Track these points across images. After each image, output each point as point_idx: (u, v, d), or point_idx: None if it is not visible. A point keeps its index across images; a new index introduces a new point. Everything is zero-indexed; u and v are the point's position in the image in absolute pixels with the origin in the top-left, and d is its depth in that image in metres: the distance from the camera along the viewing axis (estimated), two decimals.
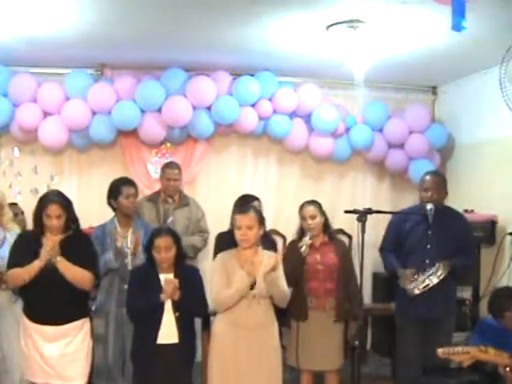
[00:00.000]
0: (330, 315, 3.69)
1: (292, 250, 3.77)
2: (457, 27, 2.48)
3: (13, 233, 3.50)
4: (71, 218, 3.25)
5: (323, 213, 3.79)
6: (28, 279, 3.11)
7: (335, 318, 3.69)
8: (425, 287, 3.57)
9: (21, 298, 3.32)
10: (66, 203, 3.24)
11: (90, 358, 3.36)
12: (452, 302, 3.81)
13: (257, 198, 4.01)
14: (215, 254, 3.82)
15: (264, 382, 3.27)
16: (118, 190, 3.87)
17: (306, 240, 3.66)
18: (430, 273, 3.58)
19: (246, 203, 3.79)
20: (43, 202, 3.22)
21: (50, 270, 3.12)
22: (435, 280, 3.56)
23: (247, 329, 3.23)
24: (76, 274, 3.17)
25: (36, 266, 3.10)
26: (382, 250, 4.01)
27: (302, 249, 3.62)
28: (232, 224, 3.91)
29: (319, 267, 3.69)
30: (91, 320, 3.46)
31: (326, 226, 3.81)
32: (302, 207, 3.82)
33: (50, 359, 3.18)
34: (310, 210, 3.76)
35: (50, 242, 3.13)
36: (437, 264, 3.59)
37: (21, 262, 3.13)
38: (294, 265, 3.61)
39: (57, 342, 3.19)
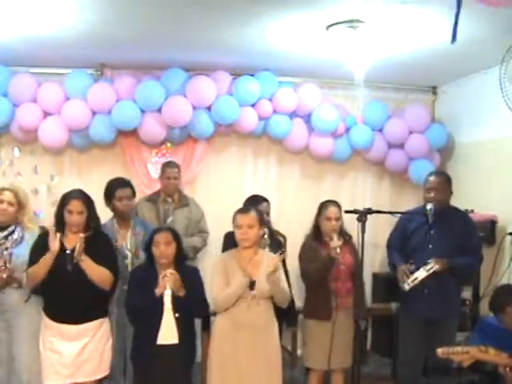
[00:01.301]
0: (350, 314, 3.69)
1: (313, 249, 3.72)
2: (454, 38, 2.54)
3: (32, 233, 3.51)
4: (92, 217, 3.32)
5: (341, 214, 3.76)
6: (42, 275, 3.18)
7: (354, 316, 3.68)
8: (413, 281, 3.54)
9: (41, 297, 3.37)
10: (88, 201, 3.32)
11: (107, 357, 3.40)
12: (454, 303, 3.78)
13: (266, 200, 4.00)
14: (223, 252, 3.82)
15: (264, 382, 3.27)
16: (111, 192, 3.88)
17: (338, 242, 3.57)
18: (421, 268, 3.55)
19: (255, 203, 3.79)
20: (66, 199, 3.29)
21: (70, 269, 3.18)
22: (423, 274, 3.51)
23: (247, 329, 3.24)
24: (98, 273, 3.23)
25: (46, 259, 3.17)
26: (389, 247, 4.00)
27: (337, 250, 3.53)
28: None
29: (341, 267, 3.67)
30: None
31: (342, 228, 3.80)
32: (325, 207, 3.77)
33: (67, 358, 3.25)
34: (336, 211, 3.72)
35: (75, 239, 3.19)
36: (429, 260, 3.57)
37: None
38: (327, 266, 3.58)
39: (76, 341, 3.26)
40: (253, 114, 4.91)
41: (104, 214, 4.06)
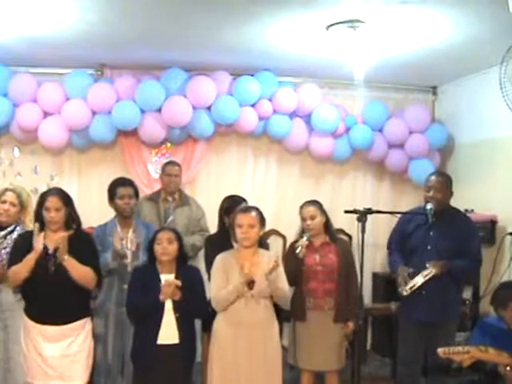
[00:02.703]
0: (329, 315, 3.68)
1: (292, 250, 3.76)
2: None
3: None
4: (72, 216, 3.26)
5: (324, 213, 3.76)
6: (24, 275, 3.10)
7: (334, 318, 3.68)
8: (411, 288, 3.53)
9: (22, 298, 3.30)
10: (65, 198, 3.25)
11: (91, 358, 3.36)
12: (452, 306, 3.73)
13: (244, 200, 3.99)
14: (206, 256, 3.83)
15: (264, 382, 3.27)
16: (113, 191, 3.88)
17: (303, 241, 3.64)
18: (419, 273, 3.53)
19: (233, 204, 3.79)
20: (43, 197, 3.24)
21: (52, 269, 3.12)
22: (421, 280, 3.51)
23: (247, 328, 3.24)
24: (81, 273, 3.17)
25: (29, 260, 3.09)
26: (389, 249, 4.00)
27: (298, 250, 3.60)
28: (219, 226, 3.92)
29: (318, 268, 3.68)
30: (92, 320, 3.46)
31: (328, 226, 3.79)
32: (301, 207, 3.81)
33: (51, 359, 3.18)
34: (310, 210, 3.75)
35: (58, 239, 3.12)
36: (427, 264, 3.55)
37: (21, 261, 3.12)
38: (292, 266, 3.61)
39: (59, 342, 3.19)
40: (253, 114, 4.91)
41: (104, 213, 4.09)
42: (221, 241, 3.66)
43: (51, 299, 3.13)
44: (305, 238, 3.65)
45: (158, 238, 3.31)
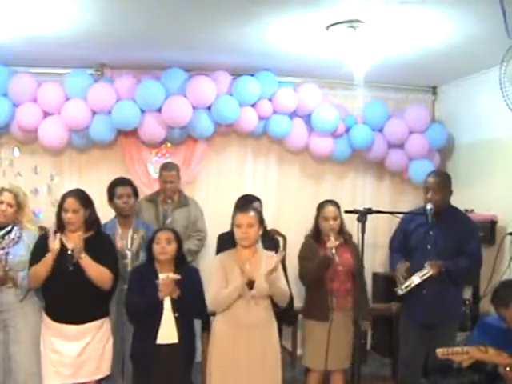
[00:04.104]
0: (349, 315, 3.68)
1: (311, 249, 3.73)
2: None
3: (29, 234, 3.52)
4: (92, 217, 3.33)
5: (340, 213, 3.76)
6: (43, 275, 3.20)
7: (354, 317, 3.65)
8: (407, 287, 3.53)
9: (42, 297, 3.39)
10: (84, 199, 3.34)
11: (107, 357, 3.40)
12: (453, 306, 3.72)
13: (258, 199, 4.00)
14: (218, 254, 3.80)
15: (264, 382, 3.27)
16: (112, 191, 3.90)
17: (335, 242, 3.58)
18: (416, 273, 3.53)
19: (247, 203, 3.79)
20: (62, 198, 3.32)
21: (71, 269, 3.19)
22: (417, 280, 3.50)
23: (246, 328, 3.24)
24: (98, 273, 3.24)
25: (49, 258, 3.18)
26: (390, 249, 3.99)
27: (333, 251, 3.54)
28: (232, 224, 3.91)
29: (339, 268, 3.67)
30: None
31: (342, 227, 3.79)
32: (323, 207, 3.78)
33: (67, 358, 3.25)
34: (333, 210, 3.73)
35: (74, 239, 3.21)
36: (425, 264, 3.55)
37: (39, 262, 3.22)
38: (322, 266, 3.59)
39: (77, 341, 3.26)
40: (253, 114, 4.91)
41: (104, 213, 4.08)
42: (233, 239, 3.65)
43: (70, 298, 3.21)
44: (332, 238, 3.58)
45: (156, 238, 3.32)
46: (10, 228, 3.51)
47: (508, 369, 2.83)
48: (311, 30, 3.78)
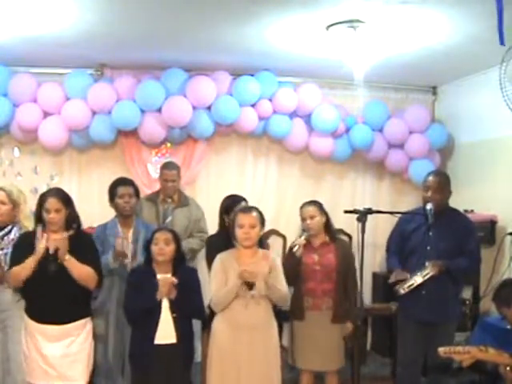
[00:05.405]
0: (327, 315, 3.67)
1: (291, 250, 3.77)
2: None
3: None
4: (72, 216, 3.26)
5: (324, 213, 3.76)
6: (25, 276, 3.11)
7: (332, 318, 3.68)
8: (409, 287, 3.54)
9: (23, 298, 3.31)
10: (65, 198, 3.25)
11: (91, 358, 3.36)
12: (452, 306, 3.73)
13: (244, 199, 4.00)
14: (207, 257, 3.80)
15: (263, 382, 3.27)
16: (113, 191, 3.89)
17: (300, 240, 3.65)
18: (417, 273, 3.54)
19: (234, 203, 3.79)
20: (42, 198, 3.24)
21: (53, 270, 3.12)
22: (419, 279, 3.52)
23: (246, 329, 3.24)
24: (83, 273, 3.18)
25: (31, 261, 3.11)
26: (387, 251, 3.99)
27: (295, 249, 3.62)
28: (220, 225, 3.90)
29: (316, 268, 3.68)
30: (92, 320, 3.46)
31: (328, 226, 3.79)
32: (301, 208, 3.81)
33: (52, 359, 3.18)
34: (309, 210, 3.75)
35: (58, 240, 3.13)
36: (426, 263, 3.56)
37: (22, 261, 3.13)
38: (290, 265, 3.61)
39: (59, 341, 3.19)
40: (253, 114, 4.91)
41: (104, 213, 4.09)
42: (221, 240, 3.66)
43: (51, 299, 3.13)
44: (302, 237, 3.66)
45: (155, 239, 3.30)
46: (9, 229, 3.50)
47: (508, 369, 2.83)
48: (311, 30, 3.78)
